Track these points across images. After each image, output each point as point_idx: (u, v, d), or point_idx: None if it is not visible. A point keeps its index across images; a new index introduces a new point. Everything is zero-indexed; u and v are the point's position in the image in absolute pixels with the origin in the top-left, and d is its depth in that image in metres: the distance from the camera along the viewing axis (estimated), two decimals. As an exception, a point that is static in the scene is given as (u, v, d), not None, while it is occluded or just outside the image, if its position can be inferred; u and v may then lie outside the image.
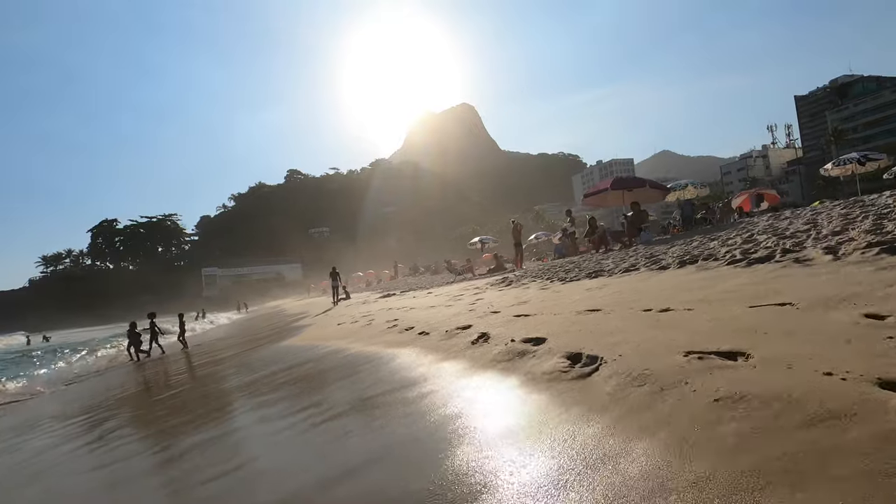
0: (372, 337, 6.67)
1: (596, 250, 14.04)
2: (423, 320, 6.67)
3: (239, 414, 4.53)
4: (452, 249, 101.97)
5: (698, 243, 8.08)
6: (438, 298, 10.04)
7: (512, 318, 4.98)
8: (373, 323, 8.35)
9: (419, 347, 4.87)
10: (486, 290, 9.35)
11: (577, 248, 20.08)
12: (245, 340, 13.80)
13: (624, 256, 9.46)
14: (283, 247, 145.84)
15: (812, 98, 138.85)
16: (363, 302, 17.30)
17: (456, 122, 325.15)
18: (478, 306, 6.75)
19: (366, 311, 12.09)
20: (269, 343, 10.76)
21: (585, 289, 5.85)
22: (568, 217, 20.66)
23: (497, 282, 10.96)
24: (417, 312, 8.11)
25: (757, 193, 21.33)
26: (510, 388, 2.92)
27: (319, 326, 11.75)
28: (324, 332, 9.66)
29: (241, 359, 9.00)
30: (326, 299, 31.48)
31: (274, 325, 18.50)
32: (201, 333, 23.92)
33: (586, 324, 3.81)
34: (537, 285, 7.88)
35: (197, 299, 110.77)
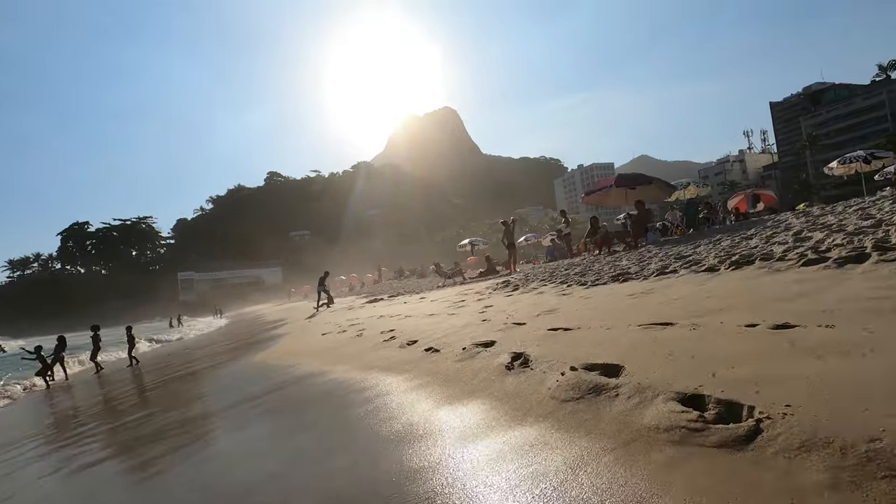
0: (363, 354, 5.57)
1: (598, 252, 13.18)
2: (426, 332, 5.61)
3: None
4: (436, 253, 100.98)
5: (731, 243, 7.22)
6: (437, 305, 8.99)
7: (546, 332, 3.96)
8: (364, 334, 7.24)
9: (435, 377, 3.75)
10: (490, 296, 8.33)
11: (573, 250, 19.31)
12: (206, 355, 12.41)
13: (641, 258, 8.56)
14: (263, 250, 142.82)
15: (786, 104, 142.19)
16: (348, 308, 16.12)
17: (438, 126, 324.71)
18: (491, 315, 5.71)
19: (353, 318, 10.96)
20: (233, 360, 9.43)
21: (627, 294, 4.87)
22: (563, 218, 19.83)
23: (498, 286, 9.96)
24: (416, 321, 7.04)
25: (753, 194, 20.88)
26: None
27: (298, 337, 10.54)
28: (302, 345, 8.46)
29: (181, 386, 7.71)
30: (308, 304, 30.09)
31: (246, 334, 17.17)
32: (150, 350, 22.37)
33: (667, 343, 2.82)
34: (554, 290, 6.90)
35: (172, 304, 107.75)
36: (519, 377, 3.04)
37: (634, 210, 13.04)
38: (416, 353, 4.69)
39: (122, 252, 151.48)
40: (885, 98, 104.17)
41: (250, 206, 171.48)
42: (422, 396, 3.32)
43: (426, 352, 4.59)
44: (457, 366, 3.76)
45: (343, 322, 10.41)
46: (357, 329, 8.16)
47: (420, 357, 4.48)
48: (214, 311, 42.25)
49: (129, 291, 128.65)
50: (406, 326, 6.72)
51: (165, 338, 26.32)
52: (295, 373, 5.60)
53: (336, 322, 11.06)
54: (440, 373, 3.73)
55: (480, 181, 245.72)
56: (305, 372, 5.44)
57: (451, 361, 3.93)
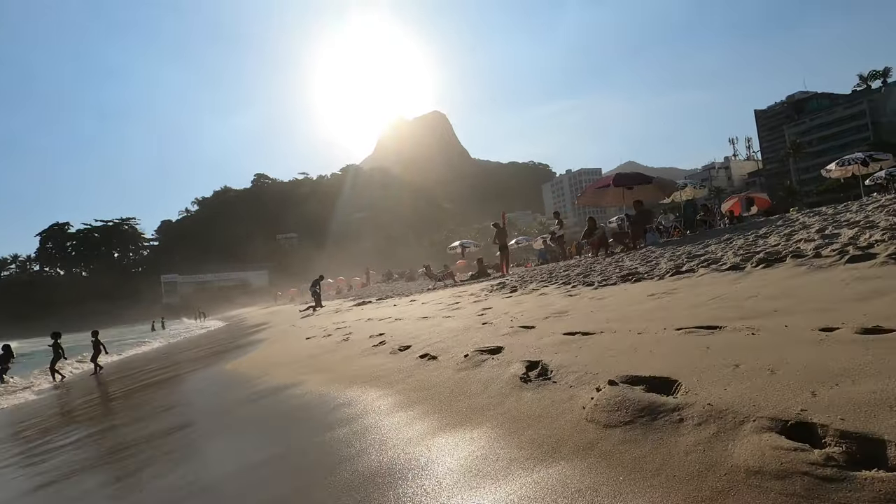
0: (348, 362, 4.95)
1: (595, 253, 12.71)
2: (420, 336, 5.02)
3: None
4: (425, 256, 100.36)
5: (745, 241, 6.76)
6: (429, 307, 8.39)
7: (563, 337, 3.40)
8: (350, 338, 6.63)
9: (433, 391, 3.11)
10: (487, 298, 7.77)
11: (566, 252, 18.95)
12: (176, 363, 11.60)
13: (646, 259, 8.06)
14: (249, 253, 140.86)
15: (770, 112, 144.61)
16: (335, 311, 15.46)
17: (427, 130, 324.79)
18: (492, 318, 5.14)
19: (339, 321, 10.32)
20: (203, 368, 8.67)
21: (646, 294, 4.34)
22: (556, 219, 19.45)
23: (494, 287, 9.41)
24: (407, 325, 6.44)
25: (747, 197, 20.65)
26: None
27: (279, 342, 9.87)
28: (280, 352, 7.77)
29: (131, 401, 6.89)
30: (293, 307, 29.28)
31: (226, 338, 16.38)
32: (123, 357, 21.49)
33: (726, 352, 2.28)
34: (558, 291, 6.36)
35: (155, 307, 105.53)
36: (540, 392, 2.47)
37: (633, 210, 12.60)
38: (409, 361, 4.10)
39: (103, 254, 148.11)
40: (865, 107, 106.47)
41: (237, 208, 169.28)
42: (415, 416, 2.71)
43: (421, 359, 4.00)
44: (459, 376, 3.18)
45: (329, 325, 9.77)
46: (343, 333, 7.54)
47: (414, 365, 3.89)
48: (197, 314, 40.99)
49: (111, 294, 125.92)
50: (397, 330, 6.12)
51: (147, 340, 25.31)
52: (265, 385, 4.93)
53: (321, 325, 10.41)
54: (439, 386, 3.14)
55: (469, 185, 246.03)
56: (277, 384, 4.76)
57: (452, 371, 3.35)
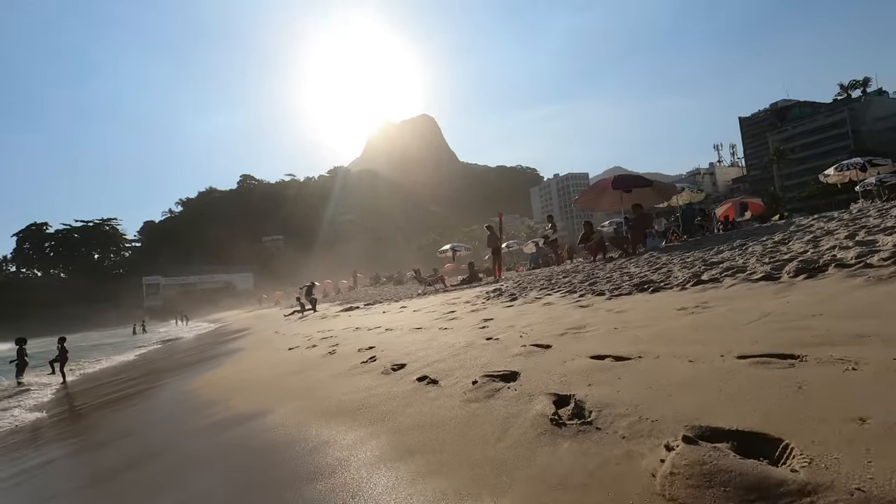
0: (333, 383, 4.31)
1: (593, 258, 12.23)
2: (415, 352, 4.43)
3: None
4: (413, 260, 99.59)
5: (763, 248, 6.29)
6: (422, 316, 7.79)
7: (590, 362, 2.83)
8: (337, 351, 6.01)
9: (438, 432, 2.44)
10: (486, 306, 7.19)
11: (561, 257, 18.63)
12: (136, 377, 10.55)
13: (653, 264, 7.57)
14: (234, 255, 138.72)
15: (754, 120, 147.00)
16: (322, 316, 14.77)
17: (416, 133, 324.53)
18: (496, 332, 4.57)
19: (326, 329, 9.67)
20: (160, 387, 7.73)
21: (677, 308, 3.77)
22: (550, 223, 18.96)
23: (491, 294, 8.85)
24: (400, 337, 5.83)
25: (741, 202, 20.43)
26: None
27: (256, 353, 9.15)
28: (255, 366, 7.04)
29: (54, 432, 5.96)
30: (278, 311, 28.42)
31: (200, 347, 15.52)
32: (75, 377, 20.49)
33: (827, 395, 1.73)
34: (565, 301, 5.81)
35: (137, 310, 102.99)
36: (581, 444, 1.89)
37: (631, 214, 12.14)
38: (404, 385, 3.50)
39: (83, 255, 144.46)
40: (846, 116, 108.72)
41: (222, 210, 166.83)
42: (417, 474, 2.02)
43: (419, 382, 3.41)
44: (468, 411, 2.60)
45: (314, 334, 9.11)
46: (329, 344, 6.90)
47: (411, 391, 3.30)
48: (179, 317, 39.74)
49: (90, 297, 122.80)
50: (389, 343, 5.51)
51: (121, 348, 24.24)
52: (227, 412, 4.20)
53: (306, 334, 9.74)
54: (444, 424, 2.53)
55: (457, 188, 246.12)
56: (243, 411, 4.03)
57: (458, 402, 2.77)
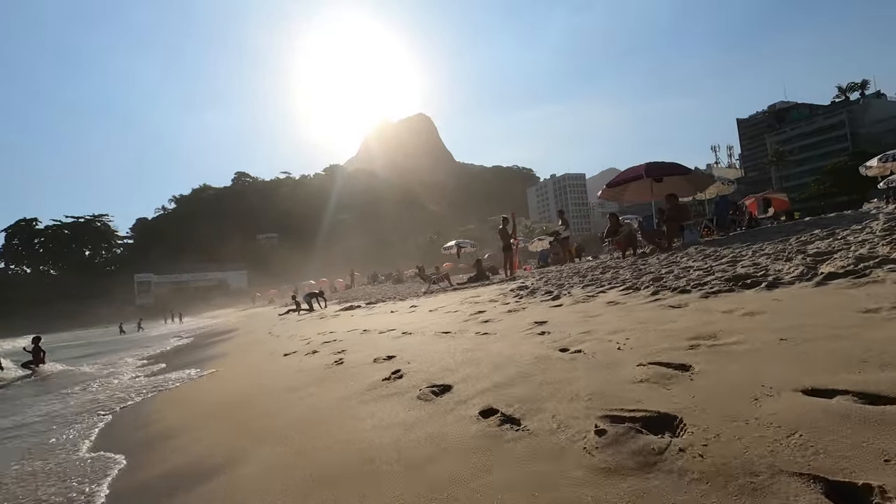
0: (350, 408, 3.07)
1: (622, 255, 11.05)
2: (457, 368, 3.23)
3: None
4: (410, 258, 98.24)
5: (827, 244, 5.15)
6: (442, 317, 6.56)
7: (809, 400, 1.66)
8: (345, 360, 4.79)
9: None
10: (524, 306, 5.98)
11: (571, 255, 17.48)
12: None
13: (717, 255, 6.41)
14: (228, 253, 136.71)
15: (752, 121, 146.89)
16: (320, 316, 13.51)
17: (412, 132, 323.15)
18: (566, 340, 3.37)
19: (326, 331, 8.41)
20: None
21: (861, 310, 2.62)
22: (560, 219, 17.83)
23: (520, 292, 7.65)
24: (427, 344, 4.60)
25: (764, 198, 19.28)
26: None
27: (243, 358, 7.89)
28: (238, 379, 5.71)
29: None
30: (272, 310, 27.11)
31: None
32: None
33: None
34: (634, 299, 4.62)
35: (128, 308, 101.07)
36: None
37: (666, 205, 10.98)
38: (461, 422, 2.30)
39: (73, 252, 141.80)
40: (845, 118, 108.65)
41: (216, 207, 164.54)
42: None
43: (485, 419, 2.21)
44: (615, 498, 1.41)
45: (314, 337, 7.86)
46: (334, 350, 5.67)
47: (478, 437, 2.09)
48: (167, 316, 38.18)
49: (81, 294, 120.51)
50: (414, 351, 4.30)
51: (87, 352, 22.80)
52: (163, 467, 2.86)
53: (304, 336, 8.49)
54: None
55: (454, 188, 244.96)
56: (191, 462, 2.71)
57: (583, 472, 1.58)
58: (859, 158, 68.18)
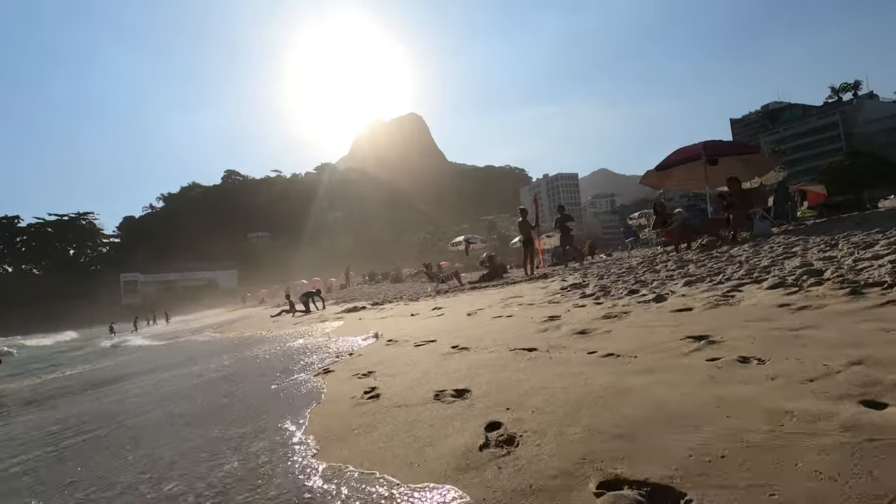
0: None
1: (675, 248, 9.54)
2: (631, 434, 1.70)
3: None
4: (402, 257, 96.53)
5: None
6: (490, 323, 4.95)
7: None
8: (381, 393, 3.19)
9: None
10: (627, 310, 4.43)
11: (583, 253, 16.15)
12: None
13: (801, 246, 4.91)
14: (218, 252, 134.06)
15: (746, 121, 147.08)
16: (319, 319, 11.84)
17: (404, 131, 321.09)
18: (798, 374, 1.86)
19: (335, 336, 6.79)
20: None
21: None
22: (559, 213, 16.18)
23: (576, 291, 6.10)
24: (505, 369, 2.98)
25: (800, 190, 17.83)
26: None
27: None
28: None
29: None
30: (263, 311, 25.37)
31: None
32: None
33: None
34: (766, 294, 3.13)
35: (115, 308, 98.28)
36: None
37: (727, 190, 9.49)
38: None
39: (57, 251, 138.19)
40: (838, 118, 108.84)
41: (205, 205, 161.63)
42: None
43: None
44: None
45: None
46: (355, 370, 4.05)
47: None
48: (151, 316, 36.08)
49: (65, 294, 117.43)
50: (494, 381, 2.72)
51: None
52: None
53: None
54: None
55: (446, 187, 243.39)
56: None
57: None
58: (855, 158, 67.67)
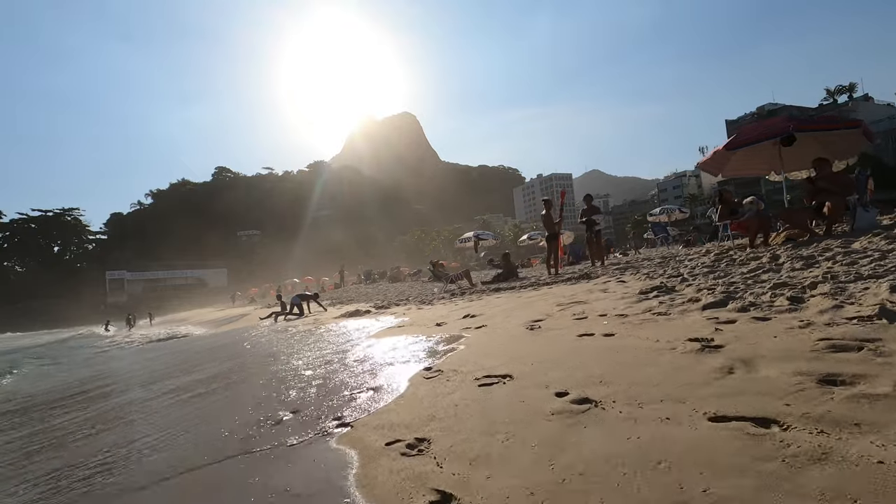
0: None
1: (752, 242, 7.89)
2: None
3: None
4: (394, 257, 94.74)
5: None
6: (571, 344, 3.23)
7: None
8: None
9: None
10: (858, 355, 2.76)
11: (603, 250, 14.14)
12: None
13: None
14: (208, 250, 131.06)
15: (741, 123, 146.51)
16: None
17: (397, 130, 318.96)
18: None
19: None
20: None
21: None
22: (587, 204, 14.16)
23: (665, 295, 4.44)
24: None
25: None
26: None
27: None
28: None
29: None
30: (253, 311, 23.53)
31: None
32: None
33: None
34: None
35: (99, 307, 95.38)
36: None
37: (815, 173, 7.86)
38: None
39: (41, 247, 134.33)
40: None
41: (195, 203, 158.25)
42: None
43: None
44: None
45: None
46: (397, 440, 2.39)
47: None
48: (131, 317, 33.97)
49: (48, 292, 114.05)
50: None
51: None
52: None
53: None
54: None
55: (439, 187, 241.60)
56: None
57: None
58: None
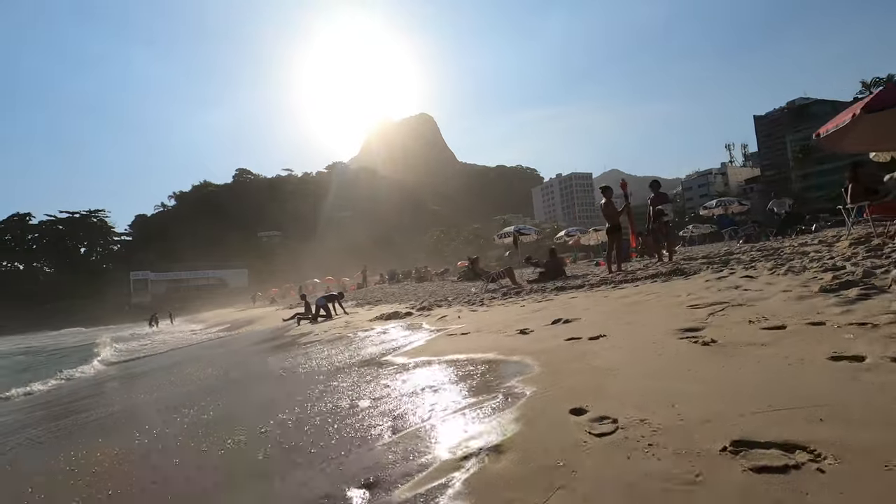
0: None
1: (891, 236, 6.46)
2: None
3: None
4: (413, 258, 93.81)
5: None
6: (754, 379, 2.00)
7: None
8: None
9: None
10: None
11: (659, 245, 12.09)
12: None
13: None
14: (229, 251, 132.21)
15: (770, 118, 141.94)
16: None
17: (414, 131, 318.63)
18: None
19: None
20: None
21: None
22: (654, 191, 12.23)
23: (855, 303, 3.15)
24: None
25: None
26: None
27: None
28: None
29: None
30: (275, 311, 22.72)
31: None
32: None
33: None
34: None
35: (124, 307, 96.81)
36: None
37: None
38: None
39: (69, 248, 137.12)
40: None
41: (216, 204, 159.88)
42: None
43: None
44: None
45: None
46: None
47: None
48: (153, 318, 33.57)
49: (77, 292, 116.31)
50: None
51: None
52: None
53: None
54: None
55: (457, 188, 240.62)
56: None
57: None
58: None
